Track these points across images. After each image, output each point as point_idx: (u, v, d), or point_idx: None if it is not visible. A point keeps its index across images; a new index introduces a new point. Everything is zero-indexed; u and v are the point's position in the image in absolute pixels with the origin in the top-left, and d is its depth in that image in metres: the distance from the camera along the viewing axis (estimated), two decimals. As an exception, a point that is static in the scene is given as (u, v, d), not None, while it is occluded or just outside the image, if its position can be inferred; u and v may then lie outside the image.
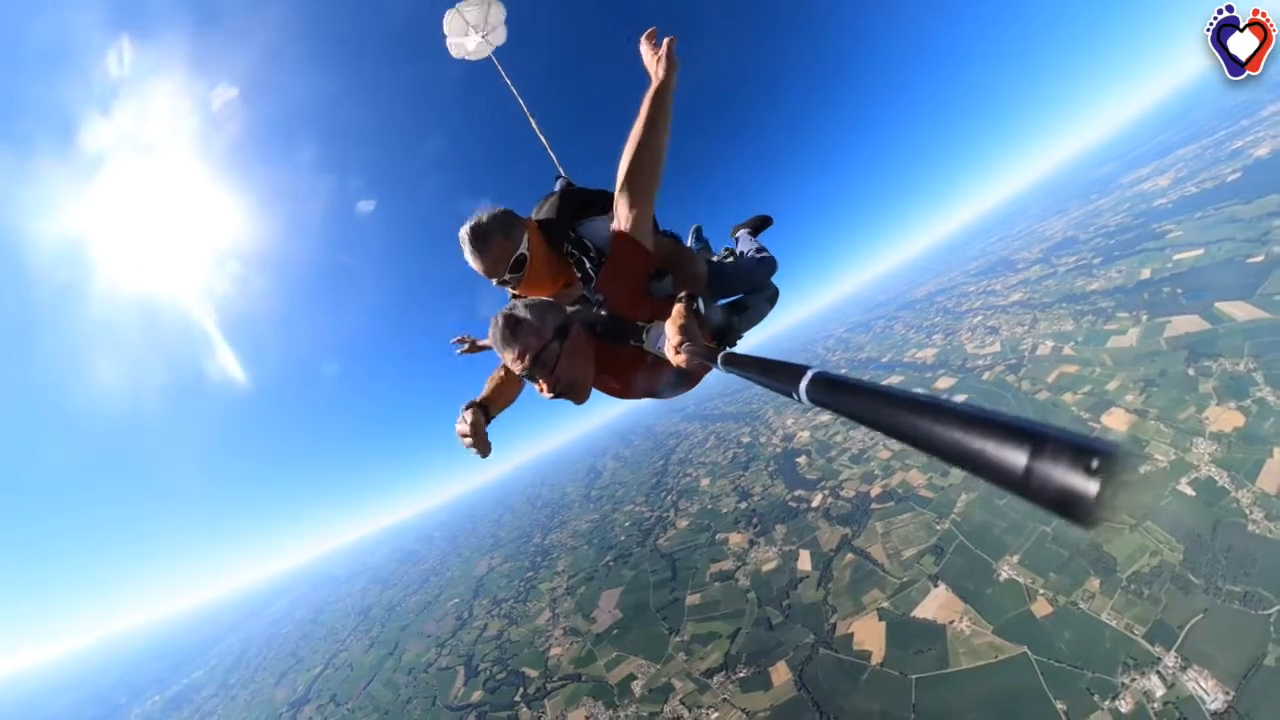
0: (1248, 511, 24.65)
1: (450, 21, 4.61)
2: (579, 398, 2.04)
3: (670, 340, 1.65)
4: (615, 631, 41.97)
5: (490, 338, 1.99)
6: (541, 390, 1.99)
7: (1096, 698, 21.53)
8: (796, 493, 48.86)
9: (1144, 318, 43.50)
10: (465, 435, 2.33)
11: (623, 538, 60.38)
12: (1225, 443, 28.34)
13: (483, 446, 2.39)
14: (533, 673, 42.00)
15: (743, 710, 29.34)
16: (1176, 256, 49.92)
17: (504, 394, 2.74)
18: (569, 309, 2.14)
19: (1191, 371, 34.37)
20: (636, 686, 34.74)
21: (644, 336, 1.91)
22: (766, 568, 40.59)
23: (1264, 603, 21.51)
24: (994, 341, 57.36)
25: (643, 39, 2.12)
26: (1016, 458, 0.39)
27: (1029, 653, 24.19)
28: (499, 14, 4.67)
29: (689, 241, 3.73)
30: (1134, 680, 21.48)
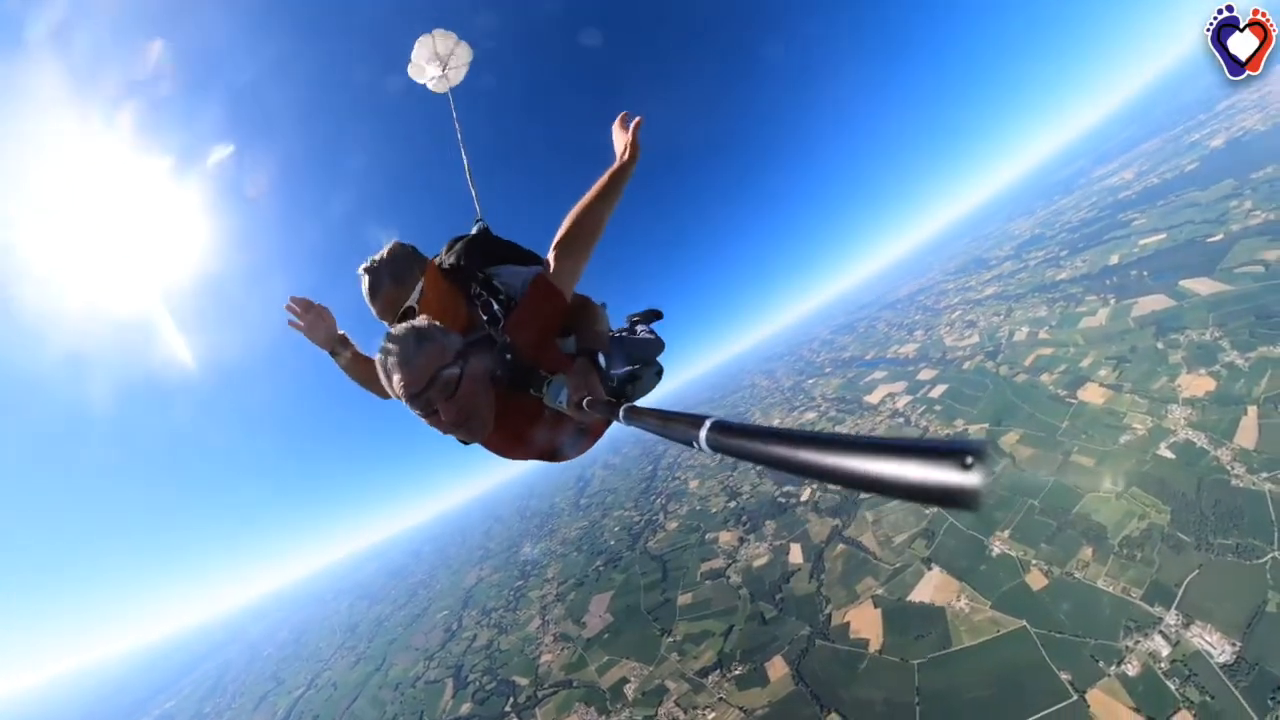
0: (1229, 468, 24.92)
1: (421, 46, 4.62)
2: (479, 432, 1.84)
3: (572, 395, 1.63)
4: (606, 635, 41.22)
5: (382, 355, 1.74)
6: (434, 421, 1.76)
7: (1102, 664, 21.23)
8: (785, 488, 48.62)
9: (1112, 300, 44.69)
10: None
11: (612, 542, 59.61)
12: (1199, 407, 28.82)
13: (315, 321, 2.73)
14: (523, 681, 41.06)
15: (740, 709, 28.67)
16: (1142, 242, 51.65)
17: (362, 367, 2.81)
18: (469, 342, 1.96)
19: (1160, 345, 35.21)
20: (629, 690, 34.01)
21: (544, 389, 1.79)
22: (758, 563, 40.20)
23: (1257, 552, 21.53)
24: (972, 333, 58.37)
25: (616, 122, 2.30)
26: (906, 471, 0.44)
27: (1028, 626, 24.01)
28: (465, 55, 4.78)
29: None
30: (1138, 643, 21.24)
